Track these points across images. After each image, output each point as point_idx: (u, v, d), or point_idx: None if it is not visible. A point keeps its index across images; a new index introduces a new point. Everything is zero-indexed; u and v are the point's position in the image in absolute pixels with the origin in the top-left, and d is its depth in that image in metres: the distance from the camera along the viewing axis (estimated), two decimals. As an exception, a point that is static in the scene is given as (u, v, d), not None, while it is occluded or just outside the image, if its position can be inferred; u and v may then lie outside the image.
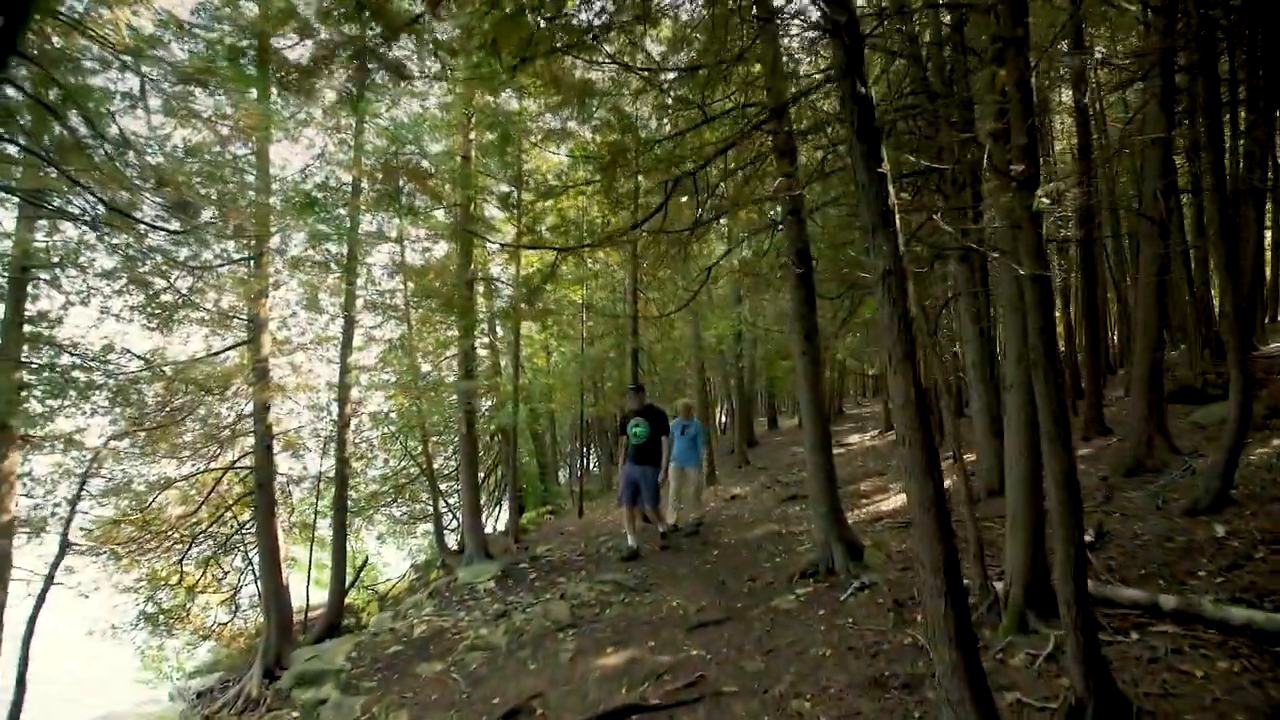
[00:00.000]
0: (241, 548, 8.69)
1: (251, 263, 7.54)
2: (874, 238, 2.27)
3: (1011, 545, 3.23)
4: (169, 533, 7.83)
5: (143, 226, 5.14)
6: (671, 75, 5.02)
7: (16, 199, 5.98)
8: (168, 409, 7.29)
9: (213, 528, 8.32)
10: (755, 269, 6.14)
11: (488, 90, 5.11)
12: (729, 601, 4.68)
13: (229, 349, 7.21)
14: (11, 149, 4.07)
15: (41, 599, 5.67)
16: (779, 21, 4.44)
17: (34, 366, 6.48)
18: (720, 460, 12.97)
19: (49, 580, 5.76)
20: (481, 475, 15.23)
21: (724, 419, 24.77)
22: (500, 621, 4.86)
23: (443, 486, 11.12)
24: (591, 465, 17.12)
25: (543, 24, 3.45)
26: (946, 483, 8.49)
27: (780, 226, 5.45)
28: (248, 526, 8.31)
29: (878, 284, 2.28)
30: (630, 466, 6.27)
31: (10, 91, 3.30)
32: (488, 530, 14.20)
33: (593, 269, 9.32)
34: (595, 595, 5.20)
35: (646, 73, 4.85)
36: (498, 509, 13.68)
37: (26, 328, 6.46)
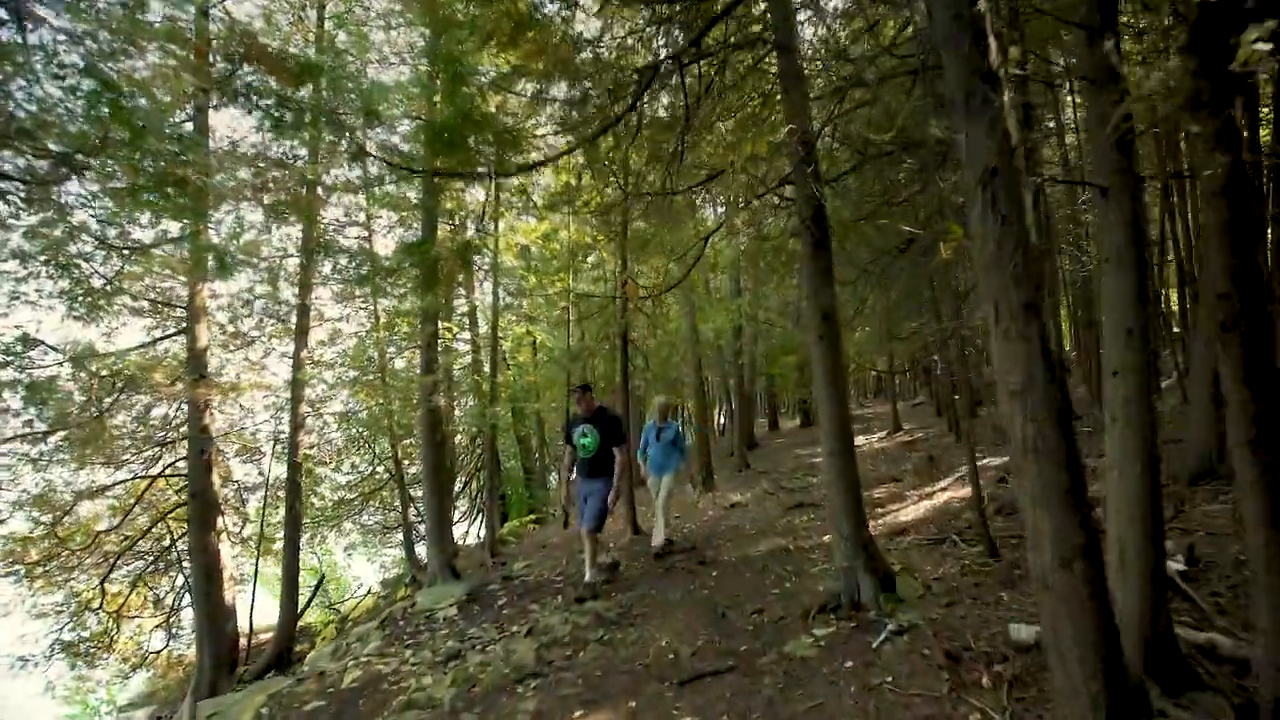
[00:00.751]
0: (180, 566, 7.77)
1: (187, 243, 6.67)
2: (967, 115, 1.40)
3: (1122, 590, 2.35)
4: (91, 549, 6.90)
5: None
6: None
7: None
8: (93, 410, 6.38)
9: (142, 543, 7.39)
10: (761, 234, 5.26)
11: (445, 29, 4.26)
12: (730, 642, 3.80)
13: (157, 341, 6.30)
14: None
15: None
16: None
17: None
18: (719, 464, 12.10)
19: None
20: (462, 481, 14.32)
21: (723, 420, 23.91)
22: (451, 666, 3.97)
23: (419, 493, 10.22)
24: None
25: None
26: (968, 489, 7.62)
27: (789, 195, 4.58)
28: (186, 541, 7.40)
29: (974, 192, 1.40)
30: (582, 483, 5.27)
31: None
32: (469, 541, 13.30)
33: (580, 242, 8.45)
34: (569, 630, 4.31)
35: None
36: (480, 517, 12.77)
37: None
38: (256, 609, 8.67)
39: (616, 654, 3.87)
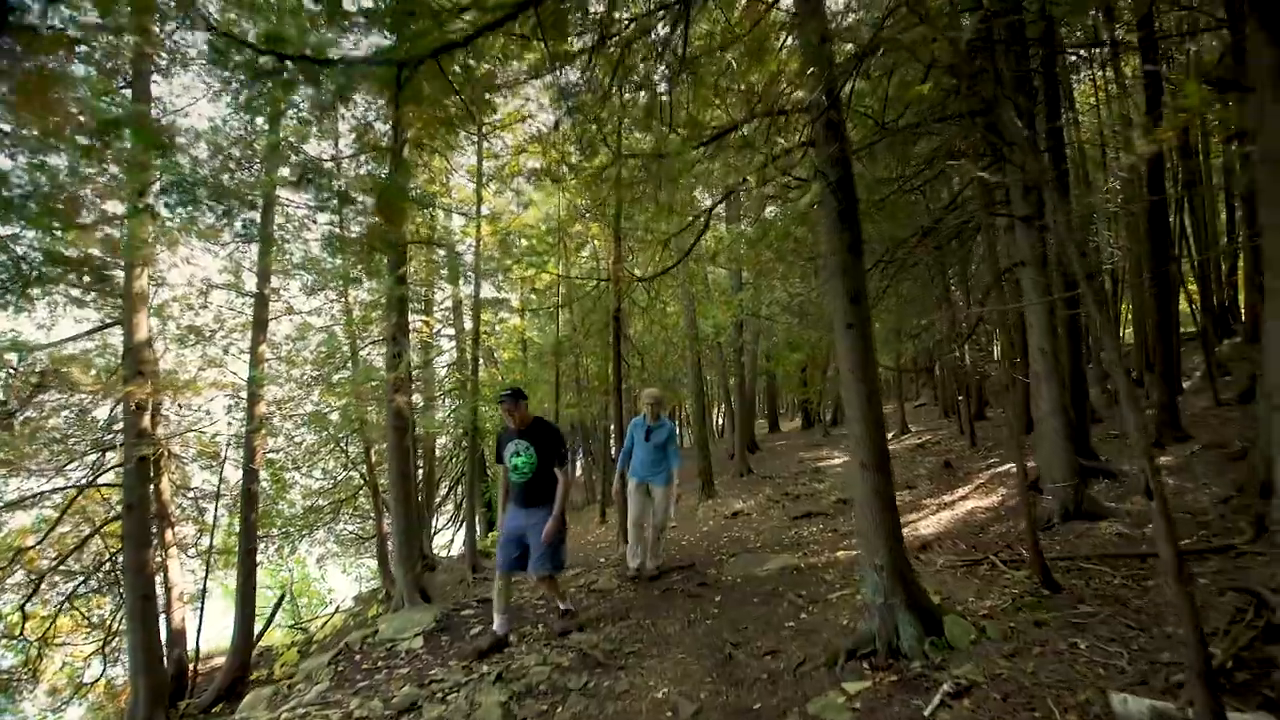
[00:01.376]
0: (119, 585, 7.04)
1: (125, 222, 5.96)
2: None
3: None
4: (12, 567, 6.16)
5: None
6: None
7: None
8: (13, 407, 5.66)
9: (84, 560, 6.65)
10: (768, 218, 4.60)
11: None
12: (740, 696, 3.12)
13: (91, 332, 5.59)
14: None
15: None
16: None
17: None
18: (719, 468, 11.44)
19: None
20: (448, 485, 13.62)
21: (721, 420, 23.26)
22: (402, 722, 3.28)
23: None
24: (575, 473, 15.57)
25: None
26: (991, 499, 6.98)
27: (800, 175, 3.90)
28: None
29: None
30: (514, 513, 4.09)
31: None
32: (453, 551, 12.58)
33: (569, 225, 7.76)
34: (547, 674, 3.63)
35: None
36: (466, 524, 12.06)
37: None
38: (220, 629, 7.96)
39: (602, 709, 3.19)
